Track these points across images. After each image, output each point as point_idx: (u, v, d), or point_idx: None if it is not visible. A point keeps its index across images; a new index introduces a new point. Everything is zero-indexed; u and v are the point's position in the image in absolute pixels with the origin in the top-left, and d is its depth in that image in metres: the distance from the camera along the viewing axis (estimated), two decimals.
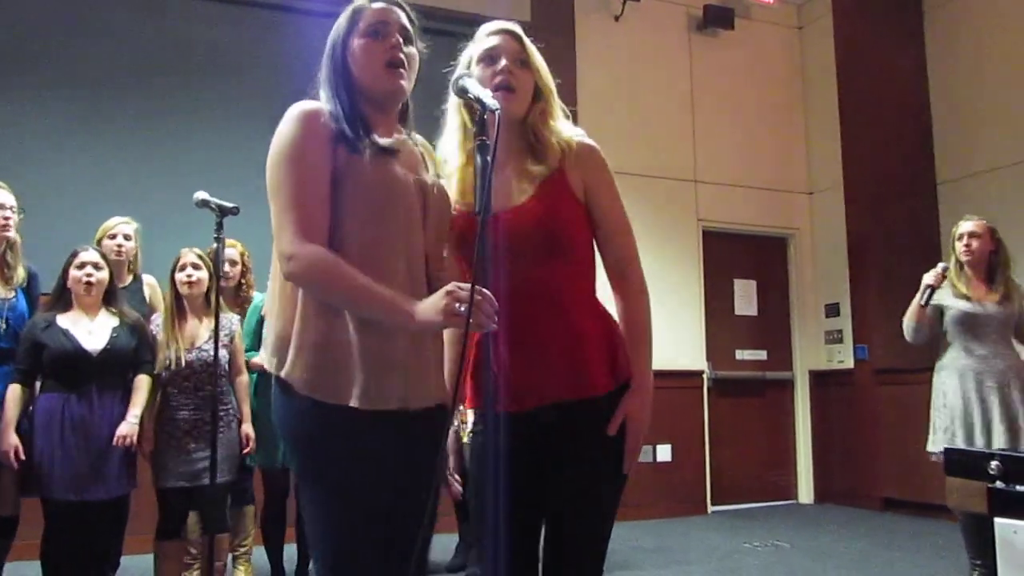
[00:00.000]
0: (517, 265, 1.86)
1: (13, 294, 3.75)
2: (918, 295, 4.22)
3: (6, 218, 3.72)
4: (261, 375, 4.08)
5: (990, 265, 4.19)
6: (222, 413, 3.65)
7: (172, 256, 3.94)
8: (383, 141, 1.84)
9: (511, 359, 1.88)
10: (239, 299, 4.39)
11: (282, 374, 1.78)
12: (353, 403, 1.73)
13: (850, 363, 7.25)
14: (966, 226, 4.22)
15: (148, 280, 4.37)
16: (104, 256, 3.77)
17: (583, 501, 1.90)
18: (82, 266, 3.64)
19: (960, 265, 4.22)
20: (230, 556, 4.28)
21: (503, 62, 1.95)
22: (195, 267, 3.83)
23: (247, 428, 3.87)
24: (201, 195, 3.39)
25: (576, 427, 1.89)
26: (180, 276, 3.83)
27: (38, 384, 3.63)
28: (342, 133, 1.79)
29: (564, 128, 2.02)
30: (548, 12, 6.82)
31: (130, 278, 4.23)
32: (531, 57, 2.00)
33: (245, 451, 3.84)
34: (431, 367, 1.84)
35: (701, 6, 7.46)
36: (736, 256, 7.65)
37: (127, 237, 4.20)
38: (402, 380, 1.77)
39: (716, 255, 7.47)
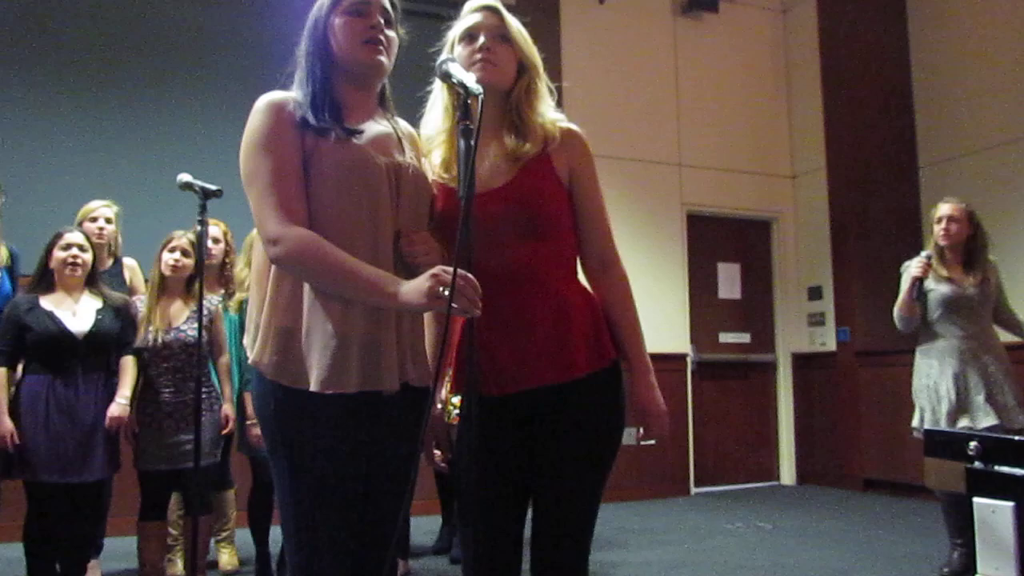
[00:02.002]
0: (499, 246, 1.85)
1: None
2: (907, 288, 4.22)
3: None
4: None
5: (968, 248, 4.22)
6: (204, 395, 3.64)
7: (155, 238, 3.92)
8: (350, 124, 1.86)
9: (495, 342, 1.87)
10: (223, 279, 4.37)
11: (252, 359, 1.83)
12: (312, 387, 1.76)
13: (832, 345, 7.30)
14: (944, 209, 4.24)
15: (128, 263, 4.35)
16: (88, 238, 3.75)
17: (567, 483, 1.90)
18: (67, 247, 3.62)
19: (939, 248, 4.25)
20: (212, 539, 4.29)
21: (482, 39, 1.95)
22: (184, 253, 3.81)
23: (227, 408, 3.85)
24: (184, 177, 3.36)
25: (558, 411, 1.88)
26: (167, 257, 3.81)
27: (20, 366, 3.61)
28: (306, 120, 1.82)
29: (548, 111, 2.00)
30: None
31: (110, 261, 4.20)
32: (511, 31, 1.98)
33: (224, 431, 3.81)
34: (398, 350, 1.84)
35: None
36: (720, 239, 7.68)
37: (108, 220, 4.17)
38: (362, 363, 1.78)
39: (700, 238, 7.49)
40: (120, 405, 3.57)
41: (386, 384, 1.81)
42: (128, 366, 3.67)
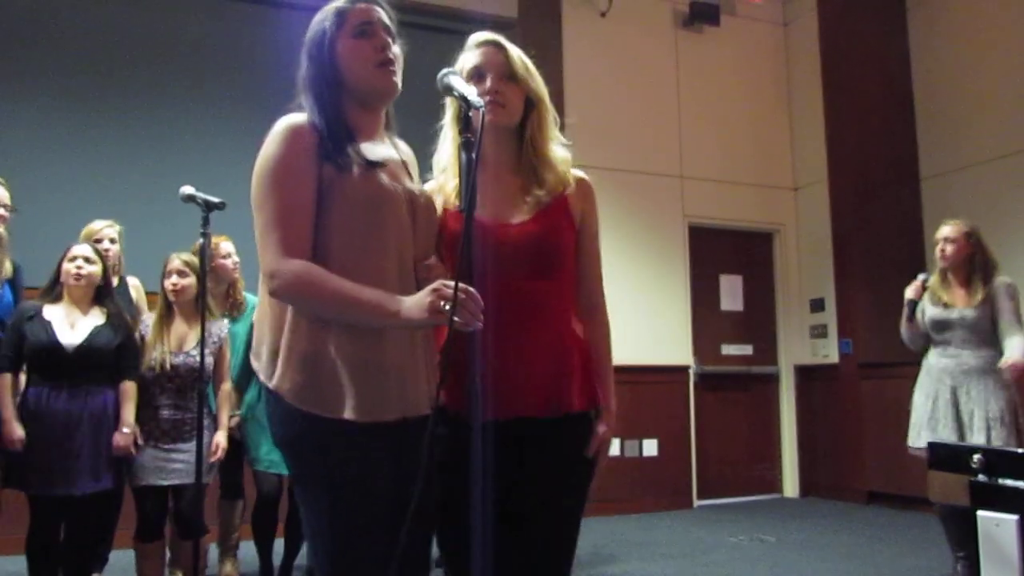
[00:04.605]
0: (510, 276, 1.88)
1: (0, 287, 3.74)
2: (904, 310, 4.33)
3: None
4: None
5: (968, 269, 4.23)
6: (206, 419, 3.63)
7: (158, 252, 3.93)
8: (370, 155, 1.84)
9: (493, 369, 1.87)
10: (230, 295, 4.33)
11: (271, 385, 1.79)
12: (348, 415, 1.73)
13: (835, 357, 7.29)
14: (943, 231, 4.27)
15: (133, 282, 4.34)
16: (98, 252, 3.76)
17: (550, 515, 1.93)
18: (73, 259, 3.64)
19: (941, 271, 4.27)
20: (216, 550, 4.28)
21: (489, 81, 1.95)
22: (180, 274, 3.80)
23: (219, 436, 3.80)
24: (187, 189, 3.36)
25: (548, 444, 1.92)
26: (167, 284, 3.82)
27: (23, 376, 3.62)
28: (328, 150, 1.79)
29: (559, 149, 2.05)
30: (535, 7, 6.82)
31: (115, 280, 4.19)
32: (516, 69, 1.99)
33: (211, 459, 3.74)
34: (424, 372, 1.85)
35: (687, 2, 7.47)
36: (722, 251, 7.68)
37: (112, 240, 4.16)
38: (399, 389, 1.78)
39: (702, 250, 7.49)
40: (125, 435, 3.57)
41: (423, 408, 1.81)
42: (130, 393, 3.65)
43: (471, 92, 1.74)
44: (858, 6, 7.38)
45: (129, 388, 3.66)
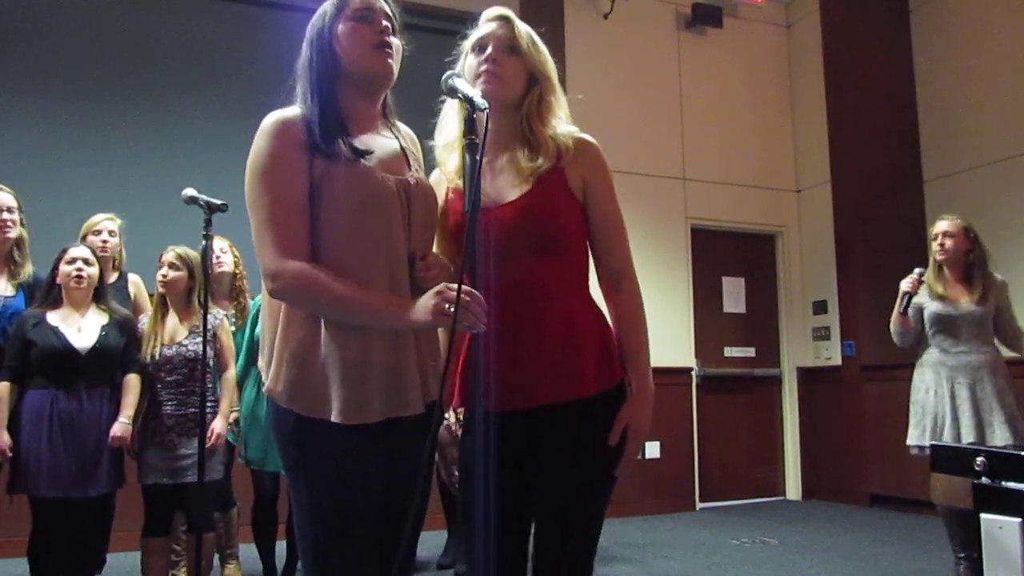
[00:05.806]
0: (510, 261, 1.84)
1: (14, 293, 3.73)
2: (897, 302, 4.28)
3: (3, 220, 3.70)
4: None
5: (966, 264, 4.23)
6: (208, 410, 3.62)
7: (159, 254, 3.93)
8: (360, 144, 1.82)
9: (503, 357, 1.83)
10: (233, 292, 4.34)
11: (266, 387, 1.81)
12: (333, 417, 1.74)
13: (837, 360, 7.29)
14: (941, 226, 4.27)
15: (133, 278, 4.33)
16: (95, 253, 3.76)
17: (570, 503, 1.88)
18: (72, 261, 3.62)
19: (938, 265, 4.26)
20: (216, 556, 4.27)
21: (489, 50, 1.93)
22: (171, 266, 3.80)
23: (216, 423, 3.76)
24: (189, 191, 3.36)
25: (565, 429, 1.85)
26: (158, 275, 3.83)
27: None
28: (316, 140, 1.77)
29: (560, 124, 1.98)
30: (537, 9, 6.81)
31: (115, 275, 4.18)
32: (521, 43, 1.96)
33: (208, 444, 3.67)
34: (419, 371, 1.82)
35: (690, 4, 7.48)
36: (724, 253, 7.68)
37: (111, 233, 4.15)
38: (384, 392, 1.76)
39: (704, 252, 7.49)
40: (123, 424, 3.56)
41: (411, 409, 1.79)
42: (131, 385, 3.65)
43: (475, 94, 1.73)
44: (861, 8, 7.38)
45: (131, 380, 3.66)
